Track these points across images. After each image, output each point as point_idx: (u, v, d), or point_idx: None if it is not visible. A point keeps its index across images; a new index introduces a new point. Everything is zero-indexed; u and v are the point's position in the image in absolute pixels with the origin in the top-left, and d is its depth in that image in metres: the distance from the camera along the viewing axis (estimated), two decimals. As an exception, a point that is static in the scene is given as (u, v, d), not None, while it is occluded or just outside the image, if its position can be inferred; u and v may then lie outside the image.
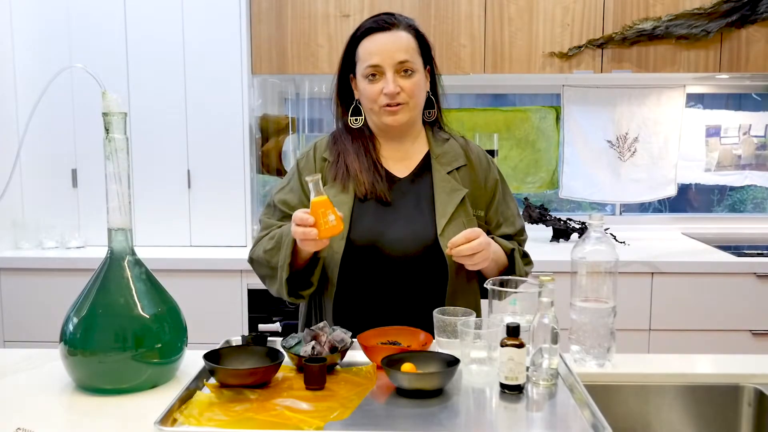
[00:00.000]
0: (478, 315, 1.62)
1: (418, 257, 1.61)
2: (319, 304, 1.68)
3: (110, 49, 2.86)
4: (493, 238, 1.67)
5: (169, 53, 2.87)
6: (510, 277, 1.55)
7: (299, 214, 1.46)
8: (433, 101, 1.73)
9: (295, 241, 1.53)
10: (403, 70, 1.60)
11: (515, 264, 1.68)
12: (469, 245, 1.50)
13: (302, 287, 1.62)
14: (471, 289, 1.68)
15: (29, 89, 2.88)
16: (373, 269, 1.61)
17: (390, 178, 1.68)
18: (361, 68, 1.63)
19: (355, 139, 1.69)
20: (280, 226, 1.66)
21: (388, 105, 1.61)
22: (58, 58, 2.85)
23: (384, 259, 1.60)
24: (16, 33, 2.87)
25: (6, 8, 2.85)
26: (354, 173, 1.65)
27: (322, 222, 1.43)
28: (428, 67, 1.69)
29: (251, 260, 1.69)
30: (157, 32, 2.86)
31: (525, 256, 1.75)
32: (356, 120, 1.71)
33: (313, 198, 1.45)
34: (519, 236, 1.77)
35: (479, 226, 1.67)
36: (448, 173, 1.68)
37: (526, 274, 1.70)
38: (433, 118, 1.75)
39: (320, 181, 1.46)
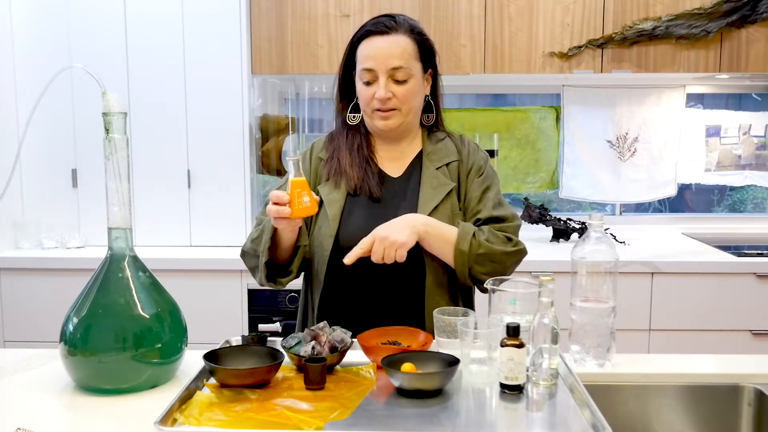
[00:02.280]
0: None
1: None
2: (312, 302, 1.69)
3: (110, 49, 2.86)
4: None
5: (169, 53, 2.87)
6: (508, 277, 1.55)
7: (275, 192, 1.48)
8: (432, 105, 1.72)
9: (276, 228, 1.54)
10: (397, 76, 1.59)
11: (463, 238, 1.56)
12: (372, 252, 1.50)
13: (282, 275, 1.63)
14: (450, 283, 1.63)
15: (29, 89, 2.88)
16: (361, 267, 1.58)
17: (383, 176, 1.68)
18: (358, 70, 1.64)
19: (351, 136, 1.70)
20: None
21: (380, 110, 1.61)
22: (58, 58, 2.85)
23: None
24: (16, 33, 2.87)
25: (6, 8, 2.85)
26: (344, 168, 1.66)
27: (297, 202, 1.47)
28: (430, 70, 1.68)
29: (242, 254, 1.69)
30: (157, 32, 2.86)
31: (509, 240, 1.62)
32: (354, 117, 1.71)
33: (291, 178, 1.47)
34: (502, 222, 1.64)
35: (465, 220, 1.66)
36: (437, 169, 1.67)
37: (488, 250, 1.57)
38: (431, 122, 1.74)
39: (300, 162, 1.49)
